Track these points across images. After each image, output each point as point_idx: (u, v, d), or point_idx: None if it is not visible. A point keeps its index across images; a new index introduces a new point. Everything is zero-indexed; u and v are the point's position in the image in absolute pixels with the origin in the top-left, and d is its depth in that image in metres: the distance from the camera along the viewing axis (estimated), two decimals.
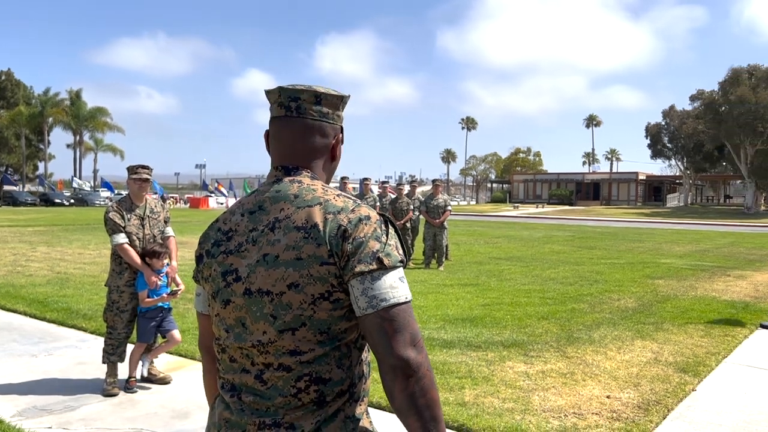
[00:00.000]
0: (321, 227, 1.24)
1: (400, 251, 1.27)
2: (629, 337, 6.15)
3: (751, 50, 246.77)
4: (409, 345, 1.19)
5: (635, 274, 11.16)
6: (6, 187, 50.16)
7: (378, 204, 12.41)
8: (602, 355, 5.48)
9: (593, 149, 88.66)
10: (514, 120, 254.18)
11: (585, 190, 65.79)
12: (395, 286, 1.22)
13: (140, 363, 4.68)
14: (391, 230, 1.29)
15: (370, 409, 1.47)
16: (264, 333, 1.26)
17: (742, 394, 4.61)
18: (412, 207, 12.43)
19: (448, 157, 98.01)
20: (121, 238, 4.51)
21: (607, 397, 4.43)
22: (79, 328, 6.43)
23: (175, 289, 4.82)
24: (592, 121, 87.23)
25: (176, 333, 4.74)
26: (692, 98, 53.17)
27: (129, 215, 4.63)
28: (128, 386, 4.54)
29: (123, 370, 4.74)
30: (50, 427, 3.88)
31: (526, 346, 5.73)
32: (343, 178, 14.22)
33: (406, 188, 13.12)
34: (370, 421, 1.38)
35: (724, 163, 56.77)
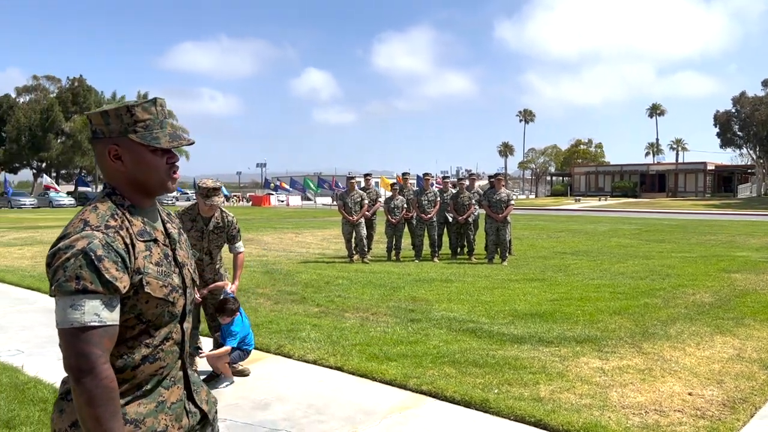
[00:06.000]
0: (51, 247, 1.47)
1: (86, 282, 1.39)
2: (708, 333, 5.94)
3: None
4: (69, 365, 1.39)
5: (709, 267, 10.74)
6: (80, 189, 52.74)
7: (438, 199, 12.34)
8: (680, 351, 5.32)
9: (657, 139, 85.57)
10: (574, 111, 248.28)
11: (650, 182, 63.69)
12: (67, 313, 1.39)
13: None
14: (83, 261, 1.40)
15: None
16: None
17: None
18: (473, 201, 12.35)
19: (506, 150, 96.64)
20: None
21: (689, 393, 4.31)
22: None
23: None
24: (655, 111, 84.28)
25: (226, 347, 4.67)
26: (765, 83, 50.59)
27: (190, 224, 4.74)
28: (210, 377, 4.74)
29: (203, 362, 4.93)
30: None
31: (599, 341, 5.62)
32: (349, 178, 12.83)
33: (466, 182, 13.04)
34: (137, 408, 1.54)
35: None
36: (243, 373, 4.87)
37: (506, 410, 3.99)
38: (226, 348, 4.68)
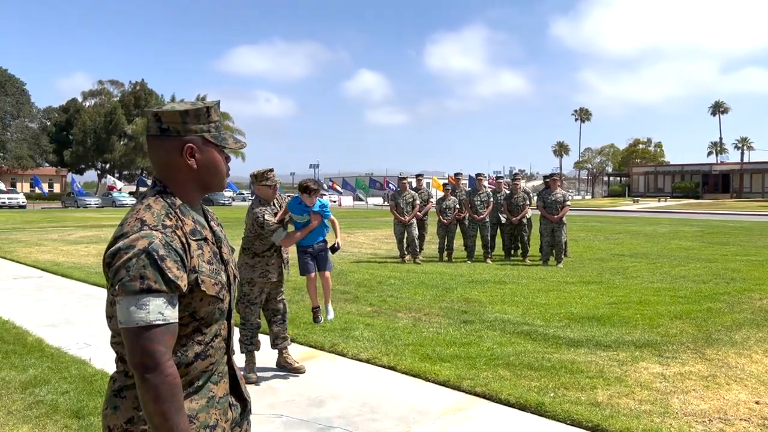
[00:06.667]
0: (108, 246, 1.50)
1: (150, 281, 1.42)
2: None
3: None
4: (134, 363, 1.41)
5: None
6: (141, 189, 54.72)
7: (491, 200, 12.21)
8: (747, 358, 5.12)
9: (720, 138, 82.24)
10: (632, 109, 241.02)
11: (713, 182, 61.30)
12: (131, 312, 1.41)
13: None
14: (146, 261, 1.43)
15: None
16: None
17: None
18: (528, 202, 12.17)
19: (561, 150, 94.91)
20: (283, 232, 4.90)
21: (756, 402, 4.14)
22: None
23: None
24: (718, 108, 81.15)
25: (328, 273, 5.46)
26: None
27: (274, 214, 4.95)
28: (315, 315, 5.57)
29: (261, 359, 5.04)
30: None
31: (659, 346, 5.46)
32: (401, 178, 12.84)
33: (522, 183, 12.85)
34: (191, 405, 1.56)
35: None
36: (299, 371, 4.95)
37: (562, 414, 3.92)
38: (332, 219, 5.38)
